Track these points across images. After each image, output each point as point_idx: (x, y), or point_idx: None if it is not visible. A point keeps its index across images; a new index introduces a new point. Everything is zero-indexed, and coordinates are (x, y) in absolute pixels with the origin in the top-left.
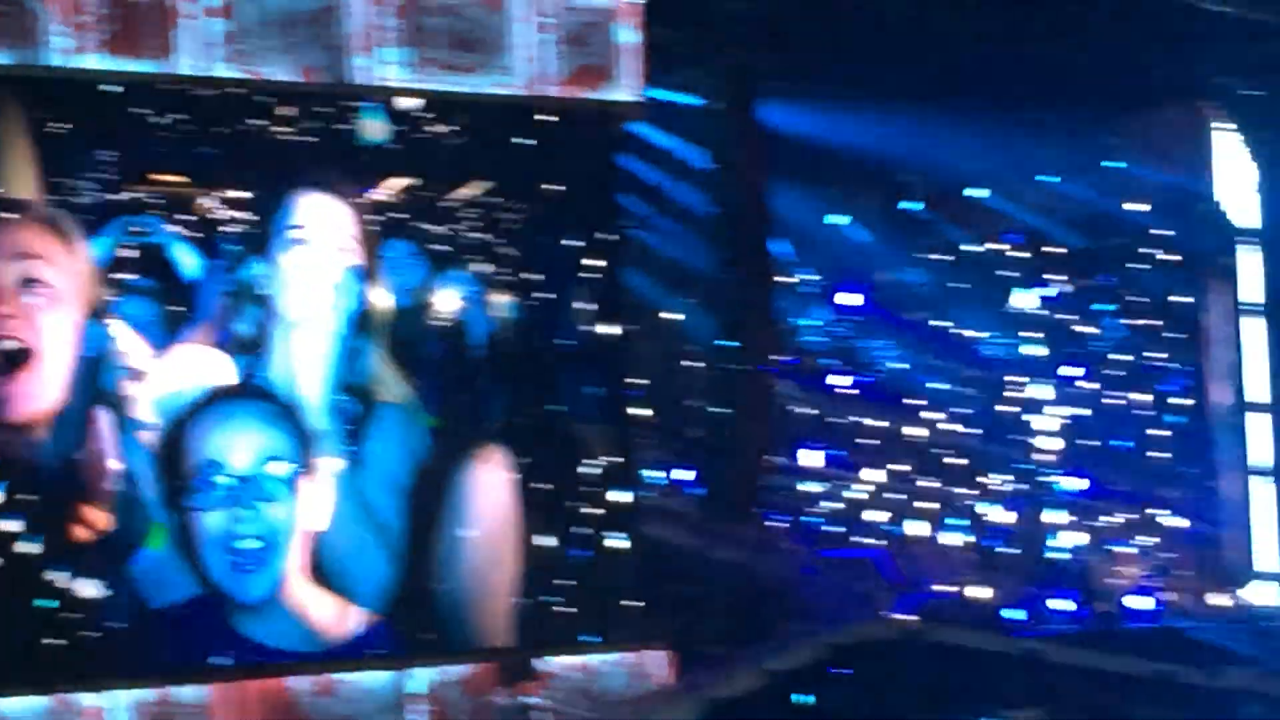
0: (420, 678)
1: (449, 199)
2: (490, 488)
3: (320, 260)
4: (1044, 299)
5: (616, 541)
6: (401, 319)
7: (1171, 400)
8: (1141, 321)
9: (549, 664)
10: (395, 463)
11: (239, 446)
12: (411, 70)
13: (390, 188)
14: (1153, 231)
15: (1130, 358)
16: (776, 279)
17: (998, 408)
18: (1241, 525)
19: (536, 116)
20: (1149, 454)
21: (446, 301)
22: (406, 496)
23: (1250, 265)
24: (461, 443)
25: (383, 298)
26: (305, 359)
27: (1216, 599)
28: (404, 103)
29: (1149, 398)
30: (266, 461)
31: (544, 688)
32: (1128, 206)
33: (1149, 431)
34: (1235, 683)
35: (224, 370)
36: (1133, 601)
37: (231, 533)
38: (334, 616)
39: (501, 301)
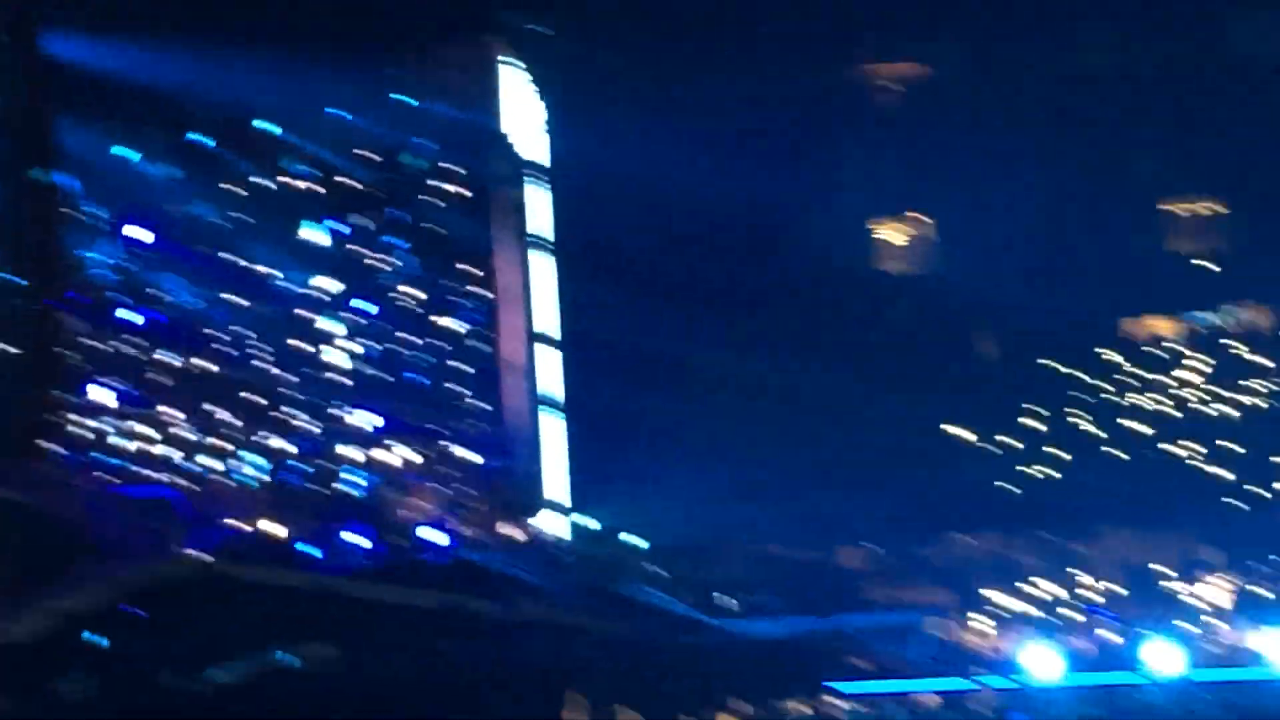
0: None
1: None
2: None
3: None
4: (335, 233)
5: None
6: None
7: (464, 334)
8: (433, 256)
9: None
10: None
11: None
12: None
13: None
14: (443, 166)
15: (423, 294)
16: (63, 212)
17: (291, 343)
18: (532, 457)
19: None
20: (443, 387)
21: None
22: None
23: (539, 200)
24: None
25: None
26: None
27: (509, 530)
28: None
29: (443, 330)
30: None
31: None
32: (418, 141)
33: (443, 364)
34: (527, 613)
35: None
36: (427, 534)
37: None
38: None
39: None
